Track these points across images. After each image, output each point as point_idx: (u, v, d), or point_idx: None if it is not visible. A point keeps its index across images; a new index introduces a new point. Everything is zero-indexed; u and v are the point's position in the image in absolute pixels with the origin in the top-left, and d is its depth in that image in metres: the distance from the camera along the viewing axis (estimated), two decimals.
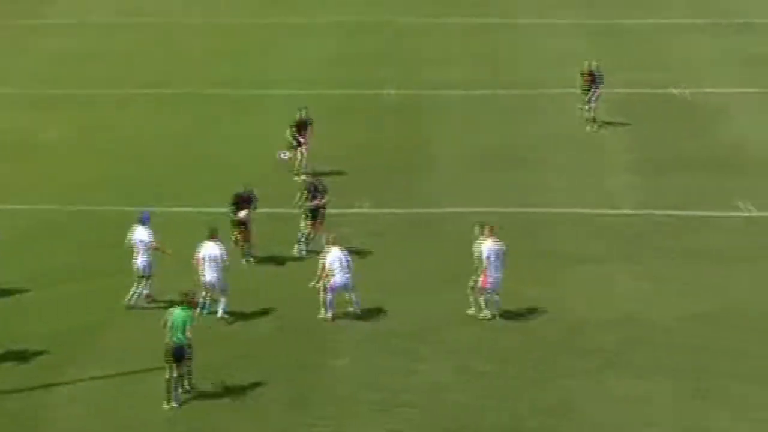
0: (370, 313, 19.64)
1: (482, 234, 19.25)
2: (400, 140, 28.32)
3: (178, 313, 16.83)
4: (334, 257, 19.08)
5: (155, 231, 20.05)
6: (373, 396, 17.11)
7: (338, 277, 19.02)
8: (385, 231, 23.02)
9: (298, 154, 25.68)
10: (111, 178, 26.22)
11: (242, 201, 21.64)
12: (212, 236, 19.47)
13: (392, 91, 32.10)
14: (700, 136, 28.23)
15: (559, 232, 23.01)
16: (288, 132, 25.62)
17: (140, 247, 19.79)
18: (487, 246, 19.01)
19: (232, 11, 42.17)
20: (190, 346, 16.79)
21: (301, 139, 25.63)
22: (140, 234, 19.89)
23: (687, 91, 31.53)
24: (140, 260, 19.76)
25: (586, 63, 28.66)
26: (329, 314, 19.27)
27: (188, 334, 16.69)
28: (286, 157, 25.08)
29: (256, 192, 21.94)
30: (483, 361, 18.09)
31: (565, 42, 36.49)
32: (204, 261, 19.18)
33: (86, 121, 30.35)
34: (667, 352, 18.19)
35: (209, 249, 19.28)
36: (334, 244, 19.41)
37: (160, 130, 29.59)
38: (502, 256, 19.04)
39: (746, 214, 23.60)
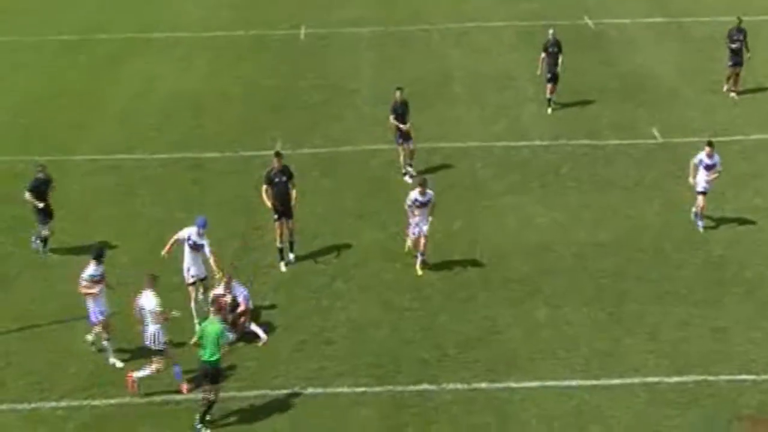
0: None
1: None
2: (312, 80, 27.81)
3: (208, 327, 14.76)
4: None
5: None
6: (295, 337, 16.97)
7: None
8: (302, 171, 22.65)
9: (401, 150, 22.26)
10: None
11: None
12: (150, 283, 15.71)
13: (304, 31, 31.44)
14: (609, 65, 28.44)
15: (473, 165, 23.00)
16: (391, 118, 22.12)
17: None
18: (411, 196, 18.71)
19: None
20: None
21: (403, 127, 21.98)
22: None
23: (592, 21, 31.70)
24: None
25: None
26: None
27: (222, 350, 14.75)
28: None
29: None
30: (405, 297, 18.11)
31: None
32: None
33: None
34: (582, 279, 18.48)
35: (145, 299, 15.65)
36: None
37: (61, 77, 28.44)
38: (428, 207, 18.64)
39: (655, 141, 23.95)
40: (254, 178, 21.57)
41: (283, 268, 19.09)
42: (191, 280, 17.25)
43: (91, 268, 16.27)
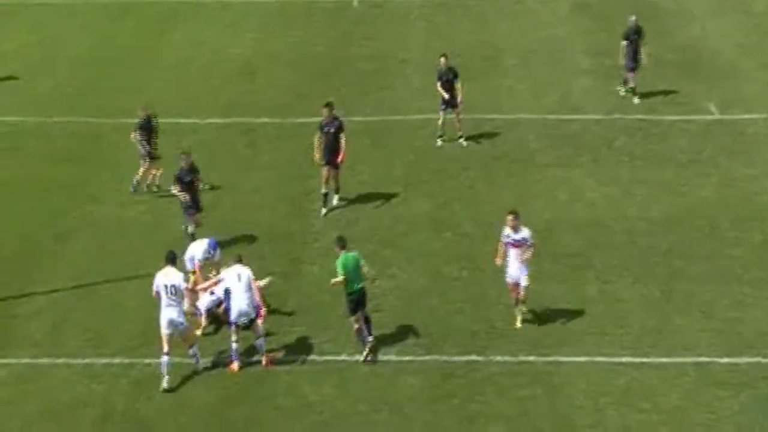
0: (338, 220, 19.33)
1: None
2: (362, 48, 27.57)
3: (347, 258, 15.30)
4: None
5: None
6: (343, 303, 16.87)
7: None
8: (351, 139, 22.51)
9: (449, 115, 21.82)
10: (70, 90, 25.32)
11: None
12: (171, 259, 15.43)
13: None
14: (665, 37, 27.76)
15: (523, 138, 22.66)
16: (438, 85, 21.81)
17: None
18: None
19: None
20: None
21: (445, 95, 21.68)
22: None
23: None
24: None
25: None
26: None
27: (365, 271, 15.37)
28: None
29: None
30: (454, 266, 17.94)
31: None
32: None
33: (42, 31, 29.09)
34: (634, 255, 18.15)
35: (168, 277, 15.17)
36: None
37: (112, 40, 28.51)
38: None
39: (712, 117, 23.40)
40: (305, 144, 21.43)
41: (323, 212, 19.28)
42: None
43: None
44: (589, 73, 25.64)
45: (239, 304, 15.19)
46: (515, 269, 16.01)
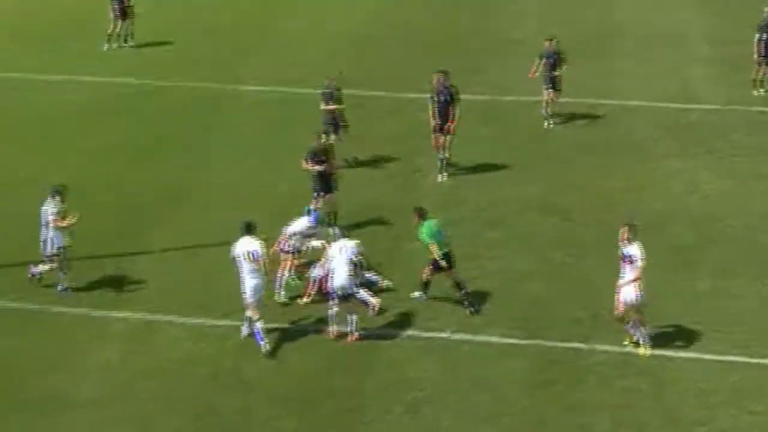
0: (445, 199, 19.21)
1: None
2: (474, 25, 27.25)
3: (430, 225, 15.76)
4: None
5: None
6: (447, 282, 16.77)
7: None
8: (462, 116, 22.31)
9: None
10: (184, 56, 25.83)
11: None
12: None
13: None
14: None
15: (638, 125, 22.07)
16: (540, 65, 21.70)
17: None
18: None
19: None
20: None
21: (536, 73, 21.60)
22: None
23: None
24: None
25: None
26: None
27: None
28: None
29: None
30: (561, 252, 17.60)
31: None
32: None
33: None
34: (752, 252, 17.47)
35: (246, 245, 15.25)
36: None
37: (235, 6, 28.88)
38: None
39: None
40: (414, 119, 21.41)
41: (439, 178, 19.67)
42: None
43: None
44: (709, 61, 24.79)
45: (338, 277, 15.32)
46: (622, 287, 14.68)
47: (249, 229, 15.43)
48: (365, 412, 14.09)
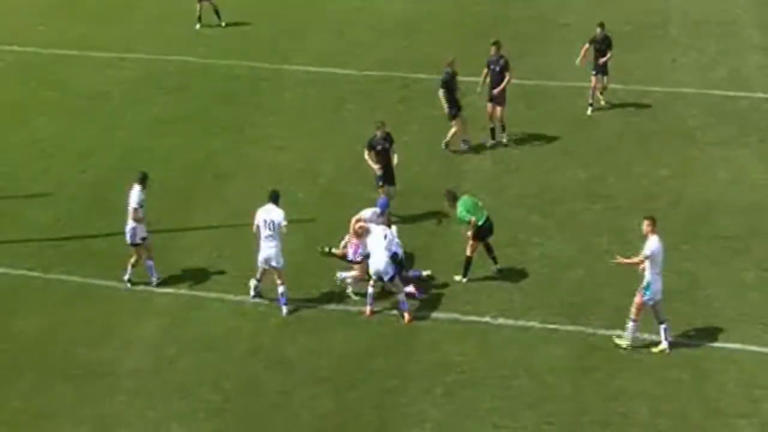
0: (489, 183, 18.99)
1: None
2: (525, 9, 26.85)
3: (464, 201, 15.92)
4: None
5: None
6: (489, 266, 16.61)
7: None
8: (509, 101, 22.04)
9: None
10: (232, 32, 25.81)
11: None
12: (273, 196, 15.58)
13: None
14: None
15: (685, 113, 21.60)
16: (588, 50, 21.07)
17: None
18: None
19: None
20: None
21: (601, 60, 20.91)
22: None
23: None
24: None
25: None
26: None
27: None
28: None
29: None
30: (604, 239, 17.33)
31: None
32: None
33: None
34: None
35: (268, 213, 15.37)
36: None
37: None
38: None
39: None
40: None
41: (488, 142, 20.13)
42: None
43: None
44: (761, 49, 24.15)
45: (376, 261, 15.24)
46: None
47: (274, 198, 15.51)
48: (404, 393, 14.02)
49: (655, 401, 13.81)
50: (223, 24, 25.84)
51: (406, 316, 15.39)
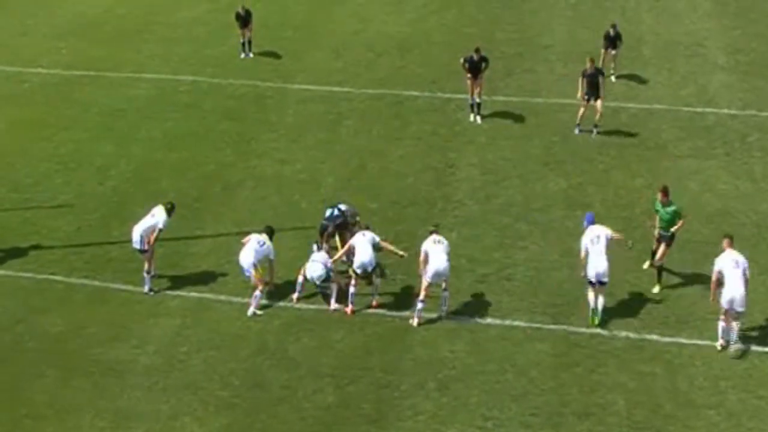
0: (478, 193, 19.08)
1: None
2: (511, 32, 26.97)
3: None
4: None
5: None
6: (479, 269, 16.70)
7: None
8: (496, 116, 22.16)
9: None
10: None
11: None
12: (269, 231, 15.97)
13: None
14: None
15: (658, 127, 21.71)
16: (582, 83, 20.92)
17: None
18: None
19: None
20: None
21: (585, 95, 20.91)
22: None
23: None
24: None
25: None
26: None
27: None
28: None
29: None
30: None
31: None
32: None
33: (220, 1, 29.73)
34: (762, 248, 17.19)
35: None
36: None
37: (284, 10, 28.83)
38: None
39: None
40: (451, 118, 21.31)
41: (474, 119, 21.11)
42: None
43: None
44: (726, 69, 24.28)
45: (361, 256, 15.42)
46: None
47: (269, 232, 15.90)
48: (399, 388, 14.09)
49: (630, 393, 13.90)
50: (252, 55, 25.49)
51: (375, 301, 15.55)
